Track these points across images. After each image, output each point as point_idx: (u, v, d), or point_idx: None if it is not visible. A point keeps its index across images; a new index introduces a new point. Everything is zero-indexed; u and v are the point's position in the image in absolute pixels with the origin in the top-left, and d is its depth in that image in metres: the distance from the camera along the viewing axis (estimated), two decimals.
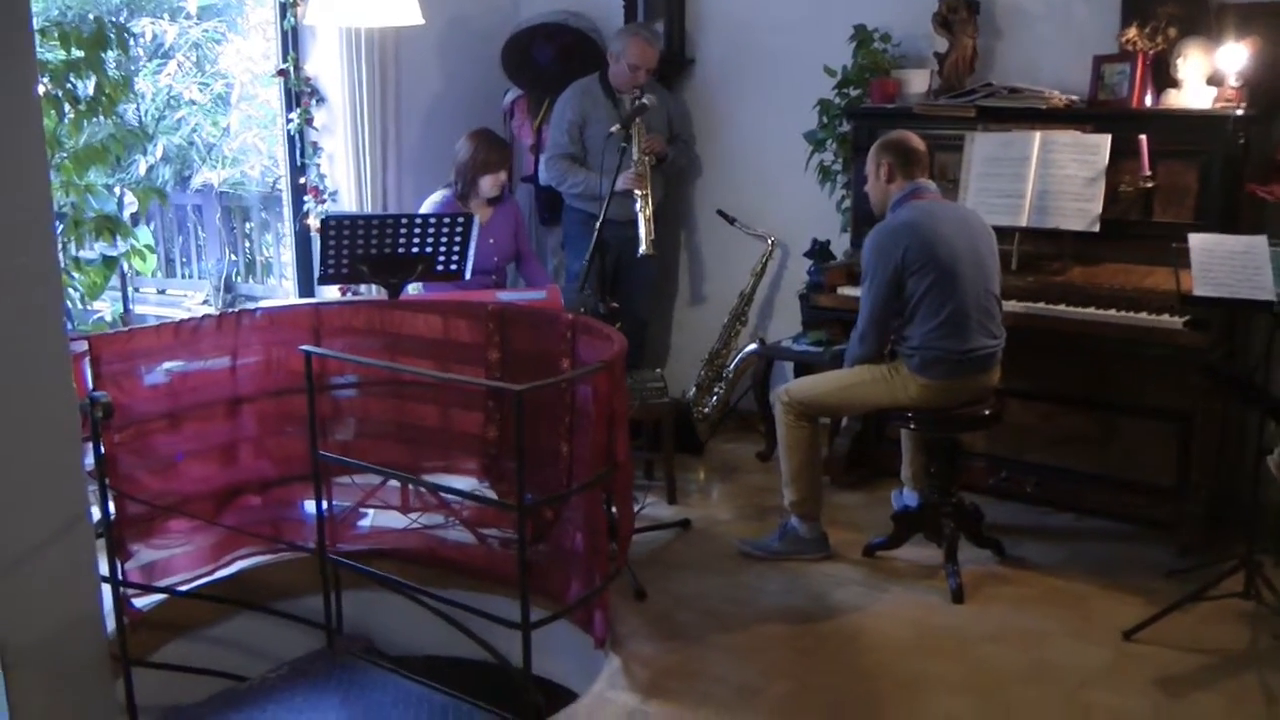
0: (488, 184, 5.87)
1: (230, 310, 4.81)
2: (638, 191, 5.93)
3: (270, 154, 8.82)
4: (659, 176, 6.28)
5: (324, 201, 6.42)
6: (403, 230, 5.12)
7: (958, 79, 5.62)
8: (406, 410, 4.89)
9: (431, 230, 5.15)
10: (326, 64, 6.32)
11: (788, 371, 6.32)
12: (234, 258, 9.45)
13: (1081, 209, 5.13)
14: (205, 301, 8.88)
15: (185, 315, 8.83)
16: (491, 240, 5.94)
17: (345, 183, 6.41)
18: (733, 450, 6.41)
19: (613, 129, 5.36)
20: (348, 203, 6.39)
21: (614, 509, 4.26)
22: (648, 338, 6.68)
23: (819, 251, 5.96)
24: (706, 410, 6.38)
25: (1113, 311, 4.96)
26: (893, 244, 4.61)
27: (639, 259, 5.97)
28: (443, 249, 5.21)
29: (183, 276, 9.63)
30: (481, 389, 4.90)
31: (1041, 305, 5.09)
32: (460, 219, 5.19)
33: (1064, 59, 5.52)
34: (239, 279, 9.30)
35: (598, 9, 6.77)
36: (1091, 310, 5.00)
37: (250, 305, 8.70)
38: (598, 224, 5.18)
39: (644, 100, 5.40)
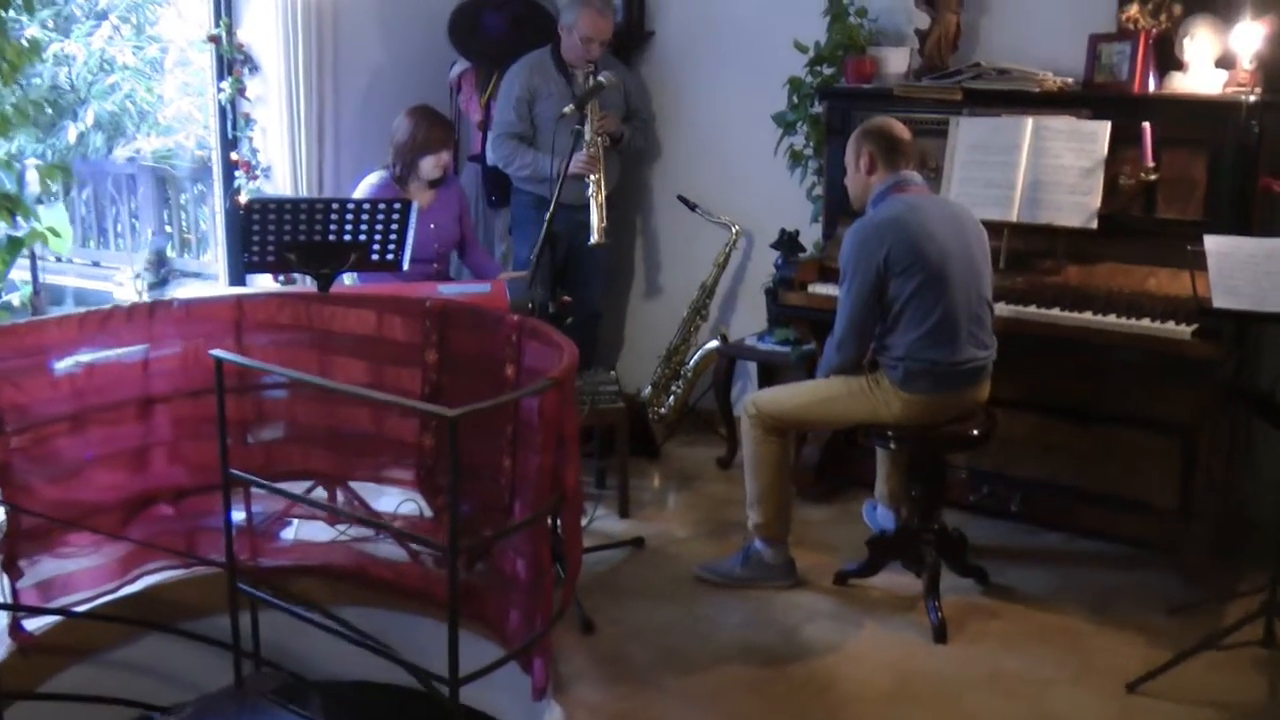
0: (429, 165, 5.25)
1: (142, 301, 4.18)
2: (590, 176, 5.35)
3: (205, 124, 8.15)
4: (614, 159, 5.67)
5: (256, 178, 5.76)
6: (334, 215, 4.52)
7: (940, 58, 5.03)
8: (337, 413, 4.36)
9: (365, 216, 4.56)
10: (261, 31, 5.65)
11: (751, 371, 5.75)
12: (169, 229, 8.79)
13: (1078, 203, 4.56)
14: (137, 276, 8.21)
15: (117, 288, 8.20)
16: (433, 226, 5.31)
17: (279, 158, 5.74)
18: (691, 454, 5.81)
19: (565, 109, 4.72)
20: (281, 179, 5.74)
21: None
22: (600, 331, 6.07)
23: (787, 242, 5.36)
24: (663, 410, 5.79)
25: (1112, 317, 4.40)
26: (875, 242, 4.02)
27: (590, 247, 5.37)
28: (378, 237, 4.61)
29: (116, 248, 8.96)
30: (418, 391, 4.34)
31: (1033, 309, 4.52)
32: (397, 205, 4.57)
33: (1057, 38, 4.93)
34: (173, 253, 8.63)
35: None
36: (1089, 315, 4.44)
37: (177, 287, 8.09)
38: (548, 214, 4.55)
39: (600, 78, 4.78)
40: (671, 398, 5.77)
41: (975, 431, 4.19)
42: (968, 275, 4.07)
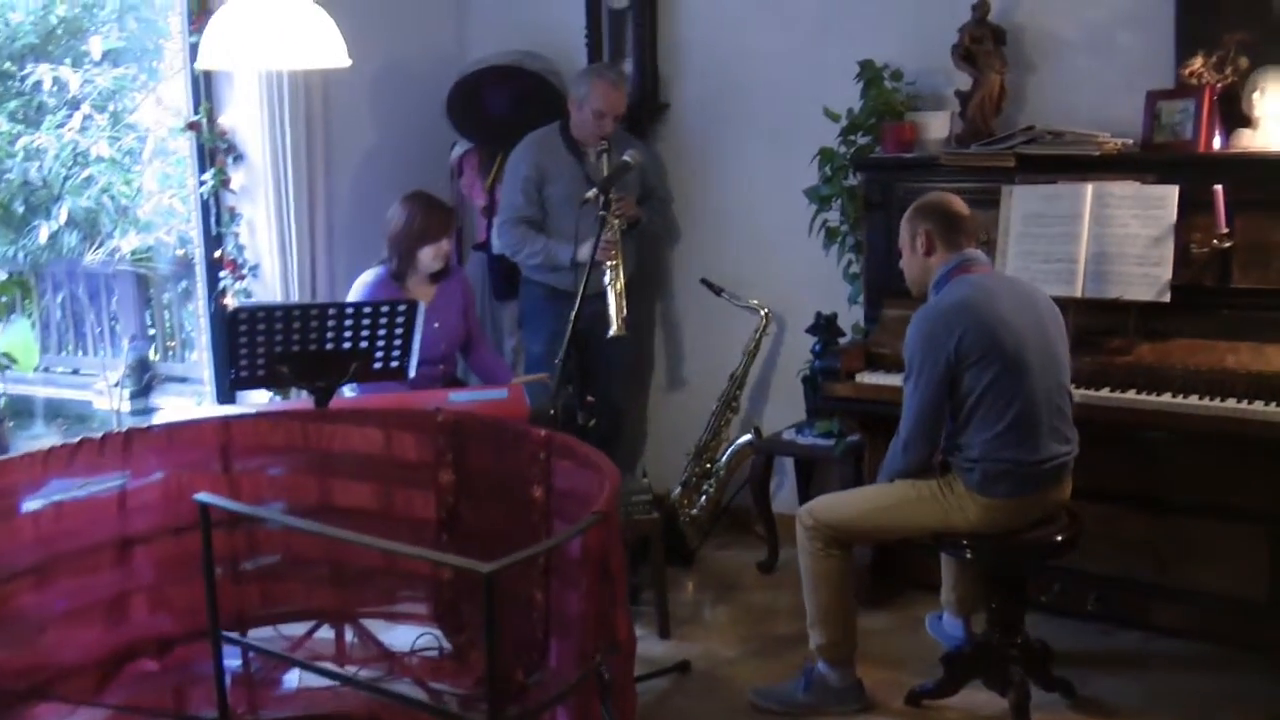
0: (428, 256, 4.87)
1: (116, 430, 3.76)
2: (608, 263, 4.97)
3: (188, 217, 7.76)
4: (630, 242, 5.29)
5: (243, 277, 5.39)
6: (330, 322, 4.14)
7: (983, 121, 4.67)
8: (341, 543, 3.89)
9: (366, 321, 4.19)
10: (245, 116, 5.30)
11: (788, 467, 5.33)
12: (152, 332, 8.38)
13: (1147, 274, 4.19)
14: (118, 384, 7.78)
15: (96, 397, 7.76)
16: (437, 324, 4.92)
17: (268, 255, 5.38)
18: (728, 559, 5.40)
19: (589, 194, 4.33)
20: (270, 279, 5.36)
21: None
22: (623, 428, 5.66)
23: (825, 326, 4.98)
24: (695, 512, 5.38)
25: (1194, 399, 4.03)
26: (944, 331, 3.64)
27: (609, 340, 4.98)
28: (380, 343, 4.24)
29: (96, 353, 8.53)
30: (433, 517, 3.95)
31: (1105, 392, 4.14)
32: (401, 306, 4.19)
33: (1109, 96, 4.59)
34: (156, 357, 8.20)
35: (556, 49, 5.78)
36: (1167, 398, 4.06)
37: (161, 394, 7.66)
38: (573, 312, 4.17)
39: (626, 157, 4.41)
40: (704, 498, 5.37)
41: (1060, 537, 3.80)
42: (1046, 362, 3.69)
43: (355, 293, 4.88)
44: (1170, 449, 4.21)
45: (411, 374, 4.35)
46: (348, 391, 4.59)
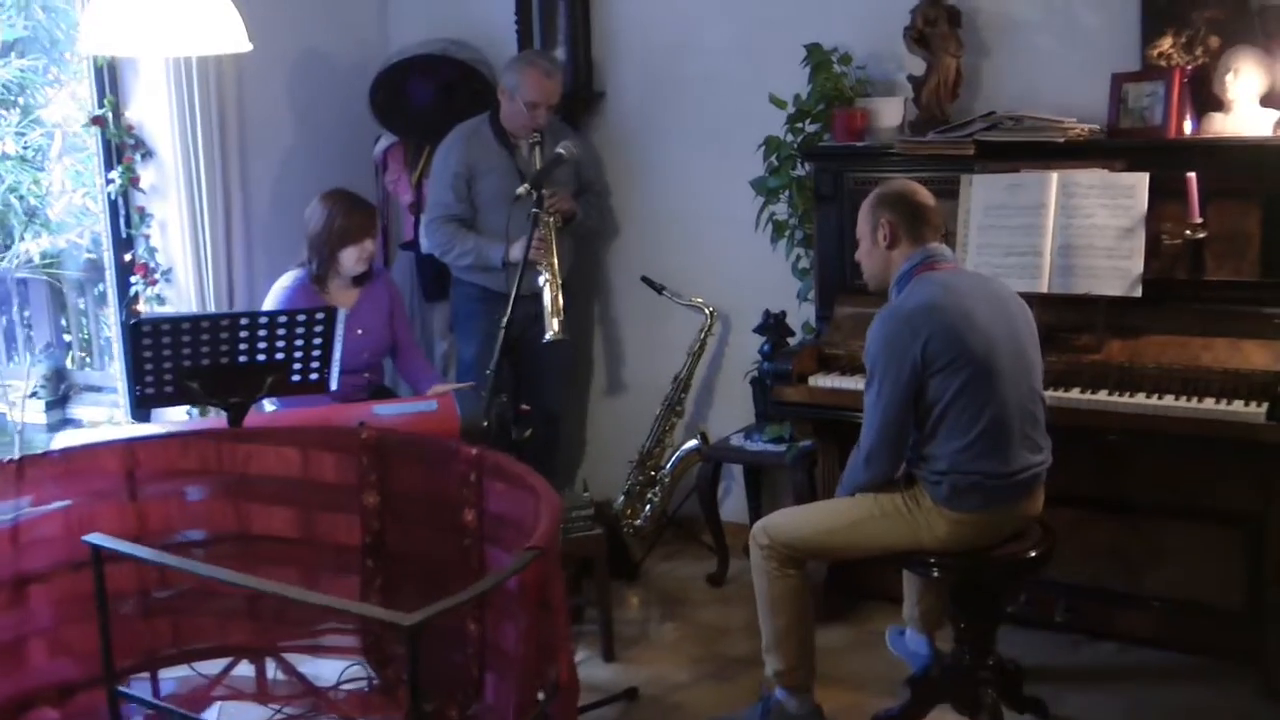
0: (350, 258, 4.51)
1: (9, 459, 3.38)
2: (542, 261, 4.64)
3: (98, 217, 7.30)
4: (566, 240, 4.95)
5: (155, 282, 5.00)
6: (243, 332, 3.80)
7: (939, 107, 4.37)
8: (260, 573, 3.53)
9: (282, 331, 3.85)
10: (153, 109, 4.90)
11: (737, 474, 5.01)
12: (68, 338, 7.90)
13: (1117, 268, 3.92)
14: (34, 394, 7.31)
15: (10, 409, 7.27)
16: (360, 331, 4.57)
17: (181, 259, 4.98)
18: (675, 572, 5.07)
19: (519, 191, 3.99)
20: (184, 284, 4.98)
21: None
22: (560, 435, 5.32)
23: (773, 326, 4.68)
24: (639, 523, 5.05)
25: (1169, 399, 3.76)
26: (909, 334, 3.33)
27: (546, 343, 4.65)
28: (298, 354, 3.90)
29: (10, 361, 8.04)
30: (358, 542, 3.62)
31: (1075, 394, 3.86)
32: (320, 314, 3.84)
33: (1071, 80, 4.31)
34: (73, 365, 7.73)
35: (485, 36, 5.43)
36: (1141, 399, 3.78)
37: (79, 405, 7.21)
38: (504, 318, 3.85)
39: (561, 150, 4.08)
40: (648, 508, 5.03)
41: (1033, 553, 3.49)
42: (1018, 367, 3.39)
43: (272, 298, 4.52)
44: (1141, 451, 3.94)
45: (334, 386, 4.01)
46: (269, 406, 4.24)
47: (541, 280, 4.64)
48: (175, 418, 4.73)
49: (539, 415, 4.99)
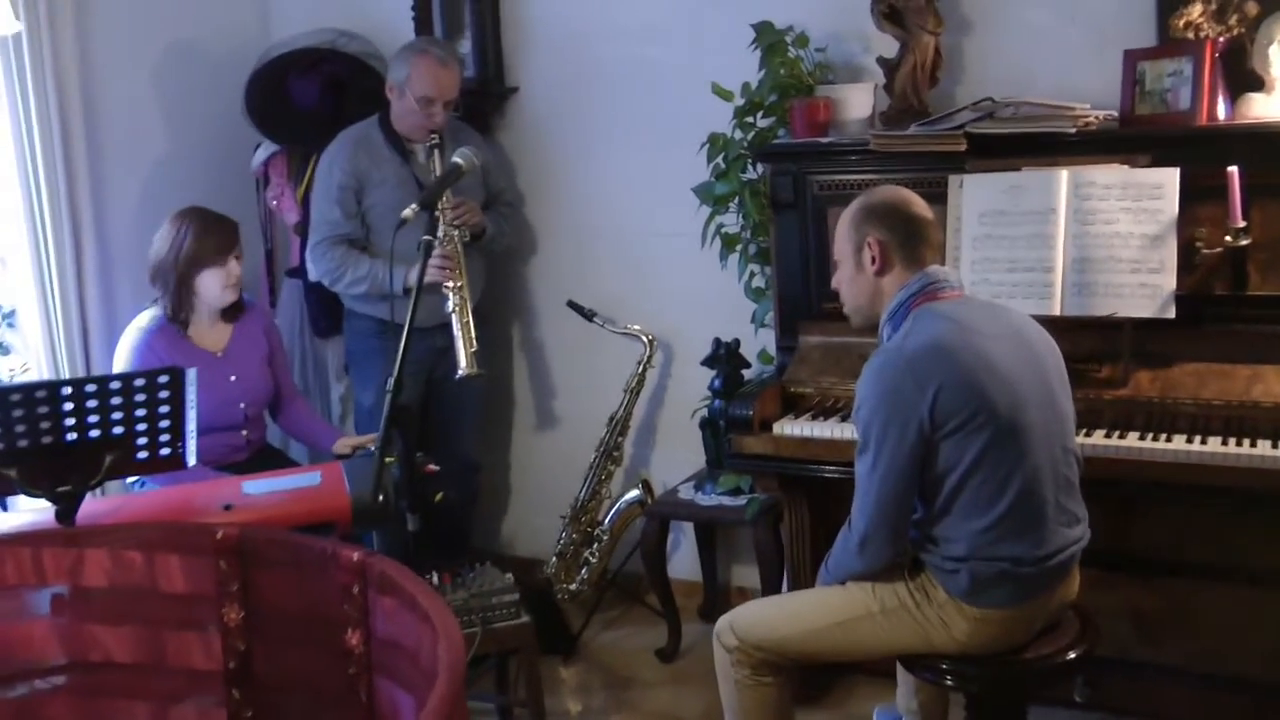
0: (211, 286, 3.64)
1: None
2: (448, 285, 3.83)
3: None
4: (476, 258, 4.11)
5: None
6: (66, 404, 2.90)
7: (915, 95, 3.56)
8: (101, 712, 2.79)
9: (117, 400, 2.95)
10: None
11: (688, 534, 4.19)
12: None
13: (1144, 284, 3.13)
14: None
15: None
16: (234, 378, 3.70)
17: (26, 297, 4.07)
18: (619, 644, 4.21)
19: (405, 213, 3.10)
20: (29, 327, 4.06)
21: None
22: (480, 487, 4.47)
23: (725, 357, 3.86)
24: (575, 587, 4.19)
25: (1214, 444, 2.96)
26: (913, 386, 2.51)
27: (459, 381, 3.83)
28: (141, 425, 3.01)
29: None
30: (219, 669, 2.77)
31: (1099, 439, 3.06)
32: (162, 376, 2.95)
33: (1073, 58, 3.54)
34: None
35: (378, 27, 4.53)
36: (1179, 444, 2.99)
37: None
38: (399, 354, 2.98)
39: (457, 158, 3.21)
40: (585, 569, 4.19)
41: (1073, 653, 2.68)
42: (1049, 420, 2.59)
43: (123, 346, 3.65)
44: (1178, 503, 3.16)
45: (190, 461, 3.13)
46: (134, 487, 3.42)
47: (449, 307, 3.85)
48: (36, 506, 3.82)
49: (454, 467, 4.19)
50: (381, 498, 3.07)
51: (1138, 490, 3.06)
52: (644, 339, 4.14)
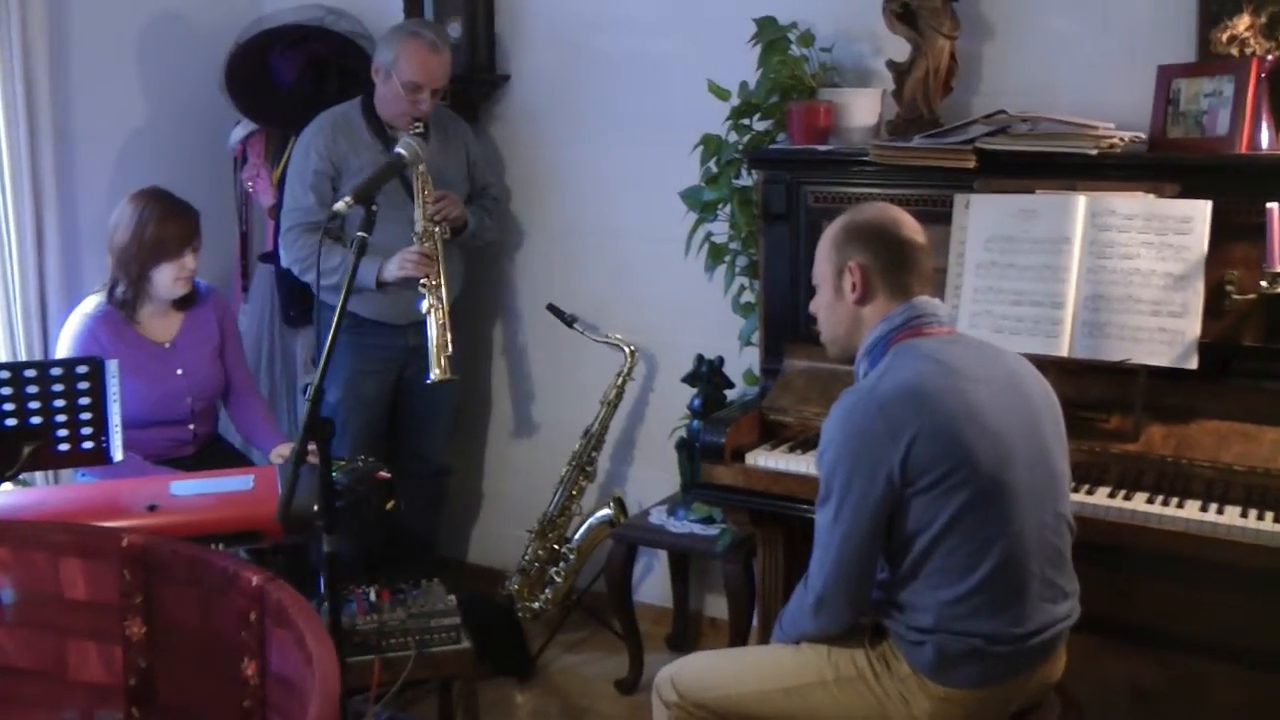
0: (166, 279, 3.34)
1: None
2: (425, 282, 3.51)
3: None
4: (455, 255, 3.79)
5: None
6: None
7: (926, 104, 3.18)
8: None
9: (32, 388, 2.73)
10: None
11: (660, 556, 3.85)
12: None
13: (1164, 328, 2.74)
14: None
15: None
16: (181, 371, 3.39)
17: None
18: (579, 668, 3.85)
19: (337, 206, 2.69)
20: None
21: None
22: (448, 492, 4.13)
23: (706, 375, 3.51)
24: (537, 605, 3.85)
25: (1232, 515, 2.58)
26: (884, 431, 2.14)
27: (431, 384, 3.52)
28: (60, 417, 2.78)
29: None
30: (119, 684, 2.50)
31: (1101, 498, 2.69)
32: (81, 367, 2.65)
33: (1101, 72, 3.16)
34: None
35: (368, 4, 4.17)
36: (1192, 511, 2.60)
37: None
38: (322, 355, 2.62)
39: (401, 150, 2.84)
40: (549, 589, 3.84)
41: None
42: (1040, 482, 2.21)
43: (66, 331, 3.38)
44: (1193, 579, 2.74)
45: (116, 456, 2.83)
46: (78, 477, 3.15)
47: (425, 306, 3.54)
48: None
49: (423, 467, 3.91)
50: (291, 516, 2.75)
51: (1142, 559, 2.68)
52: (625, 349, 3.77)
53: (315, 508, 2.74)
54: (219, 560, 2.40)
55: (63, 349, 3.35)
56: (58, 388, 2.72)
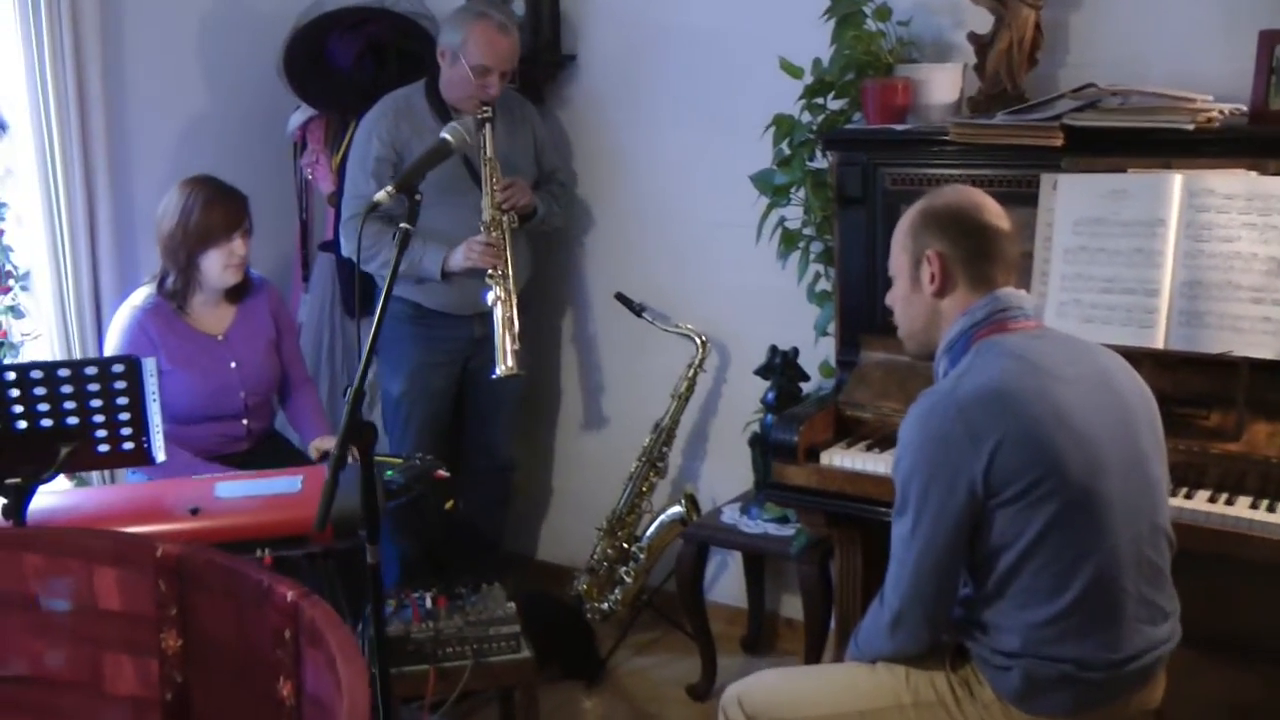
0: (214, 266, 3.21)
1: None
2: (490, 272, 3.38)
3: None
4: (523, 243, 3.64)
5: (8, 289, 3.69)
6: (11, 390, 2.56)
7: (1010, 79, 2.96)
8: None
9: (67, 388, 2.59)
10: (5, 65, 3.55)
11: (734, 561, 3.68)
12: None
13: (1269, 318, 2.53)
14: None
15: None
16: (235, 364, 3.26)
17: (40, 259, 3.66)
18: (649, 671, 3.70)
19: (377, 197, 2.54)
20: (42, 293, 3.66)
21: None
22: (514, 488, 3.99)
23: (780, 367, 3.32)
24: (606, 607, 3.70)
25: None
26: (966, 438, 1.94)
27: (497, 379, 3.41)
28: (98, 417, 2.64)
29: None
30: (156, 698, 2.39)
31: (1200, 502, 2.48)
32: (117, 365, 2.54)
33: (1195, 39, 2.91)
34: None
35: None
36: None
37: None
38: (362, 356, 2.45)
39: (447, 135, 2.66)
40: (618, 589, 3.68)
41: None
42: (1136, 491, 2.01)
43: (115, 324, 3.27)
44: None
45: (159, 456, 2.72)
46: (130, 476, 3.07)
47: (491, 298, 3.40)
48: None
49: (488, 462, 3.78)
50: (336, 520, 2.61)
51: (1244, 569, 2.45)
52: (696, 340, 3.60)
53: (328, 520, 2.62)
54: (254, 573, 2.27)
55: (110, 342, 3.25)
56: (93, 387, 2.60)
